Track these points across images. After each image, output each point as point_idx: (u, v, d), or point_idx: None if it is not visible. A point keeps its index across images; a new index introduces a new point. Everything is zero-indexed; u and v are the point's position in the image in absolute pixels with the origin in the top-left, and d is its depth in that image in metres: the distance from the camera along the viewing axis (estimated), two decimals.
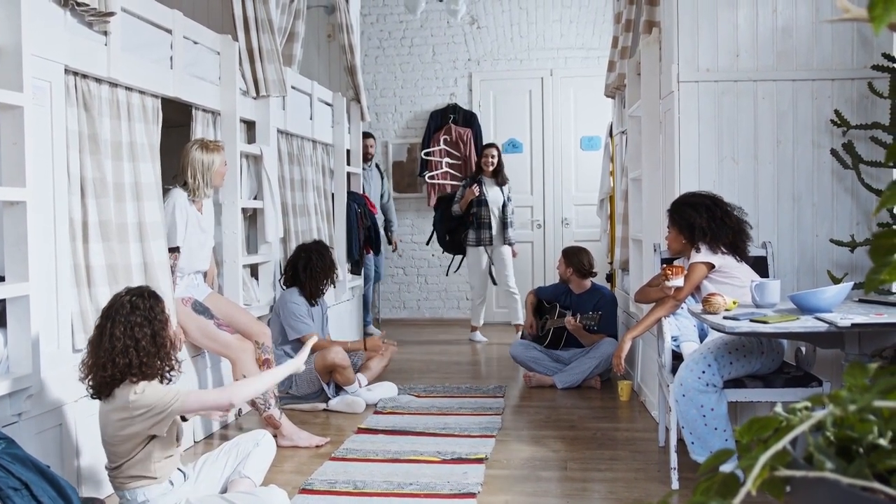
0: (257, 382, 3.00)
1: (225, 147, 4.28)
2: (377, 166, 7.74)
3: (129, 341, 2.63)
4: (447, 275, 7.82)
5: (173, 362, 2.78)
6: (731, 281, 3.47)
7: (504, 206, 6.97)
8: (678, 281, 3.57)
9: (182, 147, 4.08)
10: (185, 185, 3.97)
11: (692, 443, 3.17)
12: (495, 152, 7.01)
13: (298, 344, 4.73)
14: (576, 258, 5.48)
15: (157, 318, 2.72)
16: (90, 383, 2.69)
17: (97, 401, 2.71)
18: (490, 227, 6.89)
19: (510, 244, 7.01)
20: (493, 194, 6.94)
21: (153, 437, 2.70)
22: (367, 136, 7.42)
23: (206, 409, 2.87)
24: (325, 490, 3.31)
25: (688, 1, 4.07)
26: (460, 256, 7.26)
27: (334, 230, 6.44)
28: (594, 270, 5.57)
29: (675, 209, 3.67)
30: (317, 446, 3.96)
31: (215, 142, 4.10)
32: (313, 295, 4.86)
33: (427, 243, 7.76)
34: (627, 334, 3.88)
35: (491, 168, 6.95)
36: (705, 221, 3.55)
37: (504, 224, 6.96)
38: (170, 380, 2.80)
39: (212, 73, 4.43)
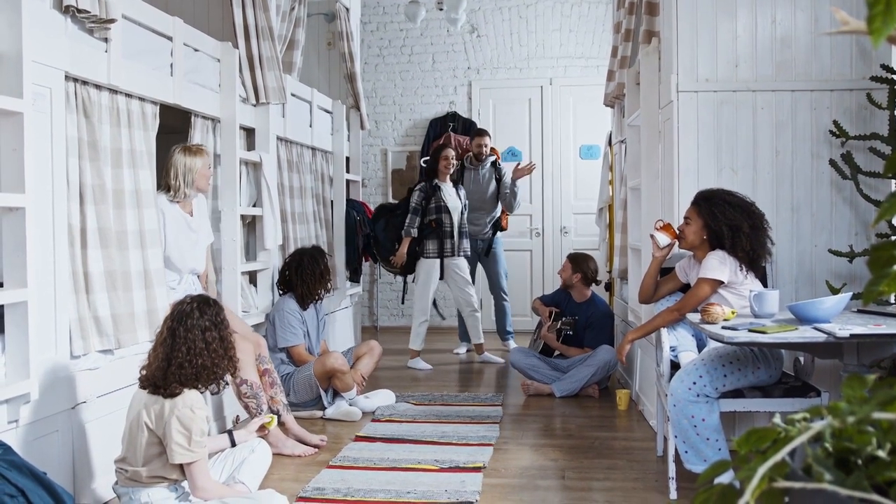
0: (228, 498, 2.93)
1: (222, 154, 4.30)
2: (493, 164, 6.81)
3: (202, 344, 2.82)
4: (402, 303, 7.03)
5: (236, 363, 2.98)
6: (732, 291, 3.45)
7: (462, 212, 6.36)
8: (663, 238, 3.59)
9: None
10: (168, 189, 4.00)
11: (685, 451, 3.16)
12: (451, 153, 6.34)
13: (286, 353, 4.73)
14: (585, 264, 5.50)
15: (223, 323, 2.93)
16: (153, 376, 2.80)
17: (152, 395, 2.82)
18: (452, 237, 6.25)
19: (463, 255, 6.32)
20: (452, 199, 6.32)
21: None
22: (481, 133, 6.87)
23: (192, 484, 2.88)
24: (322, 498, 3.29)
25: (687, 11, 4.09)
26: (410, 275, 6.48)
27: (333, 237, 6.44)
28: (598, 279, 5.60)
29: (711, 202, 3.43)
30: (300, 455, 3.92)
31: (198, 146, 4.12)
32: (305, 298, 4.84)
33: (375, 260, 6.76)
34: (628, 335, 3.92)
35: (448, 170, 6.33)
36: (748, 229, 3.34)
37: (461, 234, 6.32)
38: (227, 384, 3.06)
39: (212, 80, 4.44)
